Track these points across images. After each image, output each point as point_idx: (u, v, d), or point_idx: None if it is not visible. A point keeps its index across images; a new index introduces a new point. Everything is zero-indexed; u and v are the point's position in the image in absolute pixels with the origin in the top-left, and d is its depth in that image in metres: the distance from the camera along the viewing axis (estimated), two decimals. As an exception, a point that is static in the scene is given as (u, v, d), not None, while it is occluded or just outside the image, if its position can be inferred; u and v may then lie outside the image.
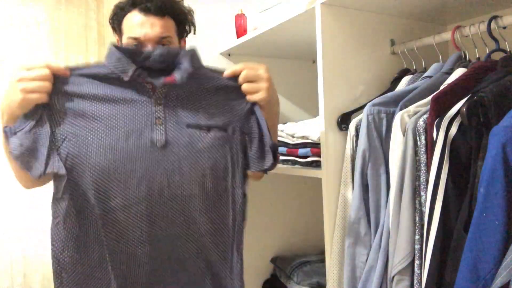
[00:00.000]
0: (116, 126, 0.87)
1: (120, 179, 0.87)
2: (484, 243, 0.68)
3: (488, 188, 0.68)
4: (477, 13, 1.24)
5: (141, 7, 1.11)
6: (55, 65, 0.87)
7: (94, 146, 0.86)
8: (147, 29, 1.10)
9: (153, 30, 1.11)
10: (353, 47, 1.17)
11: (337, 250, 1.07)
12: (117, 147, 0.87)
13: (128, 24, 1.14)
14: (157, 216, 0.89)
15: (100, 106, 0.87)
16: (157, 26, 1.11)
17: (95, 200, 0.85)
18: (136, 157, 0.88)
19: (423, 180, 0.87)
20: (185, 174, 0.90)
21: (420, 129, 0.89)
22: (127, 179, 0.87)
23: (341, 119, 1.11)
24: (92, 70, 0.89)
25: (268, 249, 1.75)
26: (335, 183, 1.10)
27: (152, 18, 1.11)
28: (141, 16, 1.11)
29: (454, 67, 1.03)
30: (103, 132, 0.87)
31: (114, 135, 0.87)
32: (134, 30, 1.11)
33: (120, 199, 0.87)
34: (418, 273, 0.86)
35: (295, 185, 1.81)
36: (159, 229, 0.90)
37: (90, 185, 0.85)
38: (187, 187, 0.91)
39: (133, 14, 1.13)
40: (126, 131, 0.88)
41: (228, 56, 1.68)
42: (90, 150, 0.86)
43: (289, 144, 1.36)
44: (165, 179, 0.89)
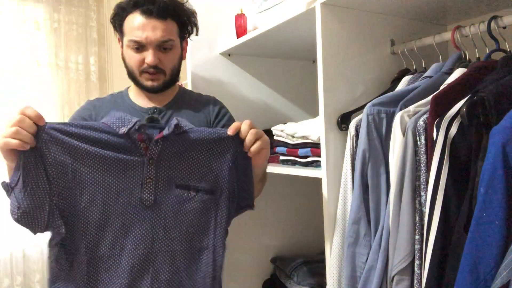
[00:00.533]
0: (108, 184, 0.93)
1: (108, 231, 0.94)
2: (484, 243, 0.68)
3: (488, 188, 0.68)
4: (477, 13, 1.24)
5: (143, 9, 1.11)
6: (29, 110, 0.88)
7: (86, 202, 0.92)
8: (149, 32, 1.10)
9: (155, 33, 1.10)
10: (353, 47, 1.17)
11: (337, 250, 1.07)
12: (108, 204, 0.93)
13: (129, 25, 1.13)
14: (139, 270, 0.95)
15: (93, 163, 0.91)
16: (159, 29, 1.11)
17: (84, 249, 0.92)
18: (125, 214, 0.94)
19: (423, 180, 0.87)
20: (169, 231, 0.97)
21: (420, 129, 0.89)
22: (115, 232, 0.94)
23: (341, 119, 1.11)
24: (86, 123, 0.92)
25: (268, 249, 1.75)
26: (335, 183, 1.10)
27: (154, 21, 1.10)
28: (143, 18, 1.10)
29: (454, 67, 1.03)
30: (95, 189, 0.92)
31: (106, 192, 0.93)
32: (135, 32, 1.11)
33: (106, 249, 0.94)
34: (418, 273, 0.86)
35: (295, 185, 1.81)
36: (140, 281, 0.96)
37: (81, 236, 0.92)
38: (170, 243, 0.97)
39: (135, 16, 1.12)
40: (117, 189, 0.93)
41: (228, 56, 1.68)
42: (82, 206, 0.92)
43: (289, 144, 1.36)
44: (149, 235, 0.96)
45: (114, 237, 0.94)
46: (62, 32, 2.42)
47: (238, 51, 1.64)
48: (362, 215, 1.01)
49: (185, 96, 1.29)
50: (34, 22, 2.38)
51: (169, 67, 1.18)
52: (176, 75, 1.24)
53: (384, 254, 0.95)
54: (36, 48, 2.37)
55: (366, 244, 1.01)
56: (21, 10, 2.33)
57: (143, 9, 1.11)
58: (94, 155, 0.90)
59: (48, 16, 2.38)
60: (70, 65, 2.45)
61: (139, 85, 1.20)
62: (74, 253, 0.92)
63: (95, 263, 0.93)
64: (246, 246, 1.69)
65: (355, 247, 1.02)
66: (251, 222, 1.70)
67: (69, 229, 0.91)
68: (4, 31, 2.28)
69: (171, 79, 1.21)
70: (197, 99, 1.30)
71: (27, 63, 2.35)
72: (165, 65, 1.16)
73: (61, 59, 2.41)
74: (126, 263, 0.94)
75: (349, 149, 1.07)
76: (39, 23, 2.39)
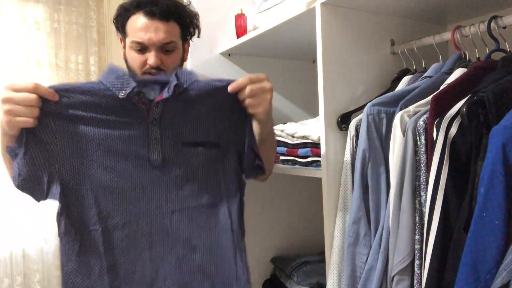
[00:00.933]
0: (114, 148, 0.90)
1: (121, 198, 0.91)
2: (484, 243, 0.68)
3: (488, 188, 0.68)
4: (477, 13, 1.24)
5: (146, 10, 1.11)
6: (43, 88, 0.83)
7: (94, 168, 0.89)
8: (151, 34, 1.10)
9: (157, 35, 1.10)
10: (353, 47, 1.17)
11: (337, 250, 1.07)
12: (117, 168, 0.90)
13: (132, 26, 1.13)
14: (157, 232, 0.93)
15: (96, 128, 0.89)
16: (161, 31, 1.11)
17: (97, 219, 0.89)
18: (135, 177, 0.92)
19: (423, 180, 0.87)
20: (181, 189, 0.94)
21: (420, 129, 0.89)
22: (127, 197, 0.91)
23: (341, 119, 1.11)
24: (84, 87, 0.88)
25: (268, 249, 1.75)
26: (335, 183, 1.10)
27: (156, 22, 1.10)
28: (145, 19, 1.11)
29: (454, 67, 1.03)
30: (102, 154, 0.90)
31: (113, 156, 0.90)
32: (138, 34, 1.11)
33: (121, 217, 0.91)
34: (418, 273, 0.86)
35: (295, 185, 1.81)
36: (159, 246, 0.93)
37: (92, 204, 0.89)
38: (184, 201, 0.94)
39: (138, 17, 1.12)
40: (124, 152, 0.91)
41: (228, 56, 1.68)
42: (90, 172, 0.89)
43: (289, 144, 1.36)
44: (163, 195, 0.93)
45: (127, 203, 0.91)
46: (62, 32, 2.42)
47: (238, 51, 1.64)
48: (362, 215, 1.01)
49: None
50: (34, 22, 2.38)
51: (171, 68, 1.17)
52: None
53: (384, 254, 0.95)
54: (36, 48, 2.37)
55: (366, 244, 1.01)
56: (21, 10, 2.33)
57: (146, 10, 1.11)
58: (97, 121, 0.88)
59: (48, 16, 2.38)
60: (70, 65, 2.45)
61: None
62: (84, 226, 0.89)
63: (109, 233, 0.90)
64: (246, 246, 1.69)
65: (355, 247, 1.02)
66: (251, 222, 1.70)
67: (77, 199, 0.88)
68: (4, 31, 2.28)
69: None
70: None
71: (27, 63, 2.35)
72: (167, 67, 1.16)
73: (61, 59, 2.41)
74: (145, 227, 0.92)
75: (349, 149, 1.07)
76: (39, 23, 2.38)
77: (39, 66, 2.39)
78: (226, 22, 1.66)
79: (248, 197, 1.00)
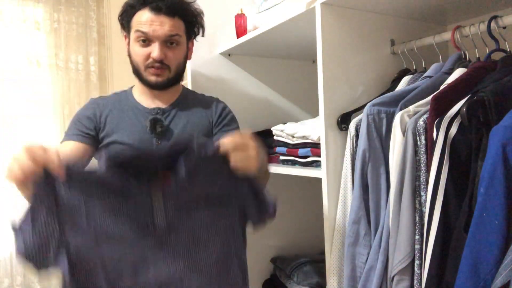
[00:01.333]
0: (119, 218, 0.87)
1: (130, 267, 0.88)
2: (484, 243, 0.68)
3: (488, 188, 0.68)
4: (477, 13, 1.24)
5: (152, 6, 1.12)
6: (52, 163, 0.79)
7: (102, 238, 0.87)
8: (156, 26, 1.12)
9: (162, 28, 1.12)
10: (353, 47, 1.17)
11: (337, 250, 1.07)
12: (122, 237, 0.88)
13: (137, 20, 1.14)
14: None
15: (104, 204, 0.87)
16: (167, 24, 1.13)
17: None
18: (141, 245, 0.89)
19: (423, 180, 0.87)
20: (189, 253, 0.92)
21: (420, 129, 0.89)
22: (136, 267, 0.89)
23: (341, 119, 1.11)
24: (101, 177, 0.85)
25: (268, 249, 1.75)
26: (335, 183, 1.10)
27: (162, 17, 1.12)
28: (151, 14, 1.12)
29: (454, 67, 1.03)
30: (109, 223, 0.87)
31: (119, 225, 0.87)
32: (143, 26, 1.12)
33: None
34: (418, 273, 0.86)
35: (295, 185, 1.81)
36: None
37: (101, 274, 0.87)
38: (195, 264, 0.93)
39: (144, 12, 1.13)
40: (128, 221, 0.88)
41: (228, 56, 1.68)
42: (98, 242, 0.86)
43: (289, 144, 1.36)
44: (171, 260, 0.91)
45: (135, 273, 0.89)
46: (62, 32, 2.41)
47: (238, 51, 1.64)
48: (362, 215, 1.01)
49: (188, 96, 1.29)
50: (34, 22, 2.38)
51: (175, 64, 1.19)
52: (180, 73, 1.24)
53: (384, 254, 0.95)
54: (36, 48, 2.37)
55: (366, 244, 1.01)
56: (21, 10, 2.33)
57: (152, 6, 1.12)
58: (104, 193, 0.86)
59: (48, 16, 2.38)
60: (70, 65, 2.45)
61: (143, 81, 1.20)
62: None
63: None
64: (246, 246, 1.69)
65: (355, 247, 1.02)
66: (251, 222, 1.70)
67: (85, 269, 0.86)
68: (4, 31, 2.28)
69: (176, 76, 1.21)
70: (200, 99, 1.30)
71: (27, 63, 2.35)
72: (170, 61, 1.17)
73: (61, 59, 2.41)
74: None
75: (349, 149, 1.07)
76: (39, 23, 2.38)
77: (39, 66, 2.39)
78: (226, 22, 1.66)
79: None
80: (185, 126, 1.21)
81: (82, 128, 1.22)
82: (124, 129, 1.21)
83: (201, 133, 1.22)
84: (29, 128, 2.33)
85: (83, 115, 1.24)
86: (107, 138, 1.22)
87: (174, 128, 1.21)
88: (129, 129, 1.21)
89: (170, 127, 1.21)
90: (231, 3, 1.66)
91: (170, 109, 1.23)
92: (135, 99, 1.25)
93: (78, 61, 2.48)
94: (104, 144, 1.22)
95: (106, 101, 1.27)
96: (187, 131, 1.21)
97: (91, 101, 1.28)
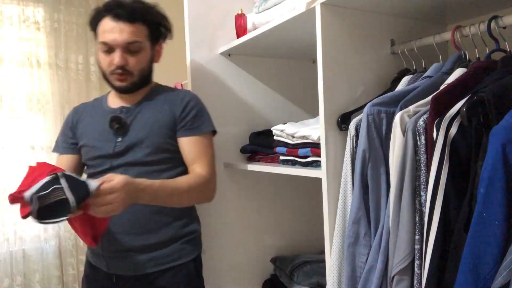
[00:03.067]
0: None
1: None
2: (484, 243, 0.68)
3: (488, 188, 0.68)
4: (477, 13, 1.24)
5: (113, 13, 1.18)
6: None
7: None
8: (116, 34, 1.17)
9: (121, 35, 1.17)
10: (353, 47, 1.17)
11: (337, 250, 1.07)
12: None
13: (100, 29, 1.21)
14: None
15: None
16: (126, 32, 1.17)
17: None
18: None
19: (423, 180, 0.87)
20: None
21: (420, 129, 0.89)
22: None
23: (341, 119, 1.11)
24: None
25: (268, 249, 1.75)
26: (335, 183, 1.10)
27: (121, 24, 1.17)
28: (112, 22, 1.18)
29: (454, 67, 1.03)
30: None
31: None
32: (105, 35, 1.18)
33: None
34: (418, 273, 0.86)
35: (295, 185, 1.81)
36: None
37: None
38: None
39: (106, 20, 1.19)
40: None
41: (228, 56, 1.68)
42: None
43: (289, 144, 1.36)
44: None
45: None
46: (62, 32, 2.42)
47: (238, 51, 1.64)
48: (362, 215, 1.01)
49: (157, 93, 1.33)
50: (34, 22, 2.38)
51: (137, 69, 1.24)
52: (146, 77, 1.29)
53: (384, 254, 0.95)
54: (36, 48, 2.37)
55: (366, 244, 1.01)
56: (21, 10, 2.33)
57: (113, 13, 1.18)
58: None
59: (48, 16, 2.38)
60: (70, 65, 2.45)
61: (111, 85, 1.27)
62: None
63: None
64: (246, 246, 1.69)
65: (355, 247, 1.02)
66: (251, 222, 1.70)
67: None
68: (4, 31, 2.28)
69: (140, 80, 1.26)
70: (169, 94, 1.33)
71: (27, 63, 2.35)
72: (132, 67, 1.22)
73: (61, 59, 2.41)
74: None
75: (349, 149, 1.07)
76: (39, 23, 2.38)
77: (39, 66, 2.39)
78: (226, 22, 1.66)
79: (248, 197, 1.01)
80: (147, 122, 1.25)
81: (67, 139, 1.34)
82: (91, 131, 1.30)
83: (162, 127, 1.25)
84: (29, 128, 2.33)
85: (66, 125, 1.36)
86: (79, 142, 1.32)
87: (136, 124, 1.26)
88: (95, 130, 1.29)
89: (132, 123, 1.26)
90: (231, 3, 1.66)
91: (134, 107, 1.28)
92: (106, 102, 1.33)
93: (78, 61, 2.48)
94: (78, 148, 1.32)
95: (83, 108, 1.38)
96: (147, 126, 1.25)
97: (73, 109, 1.39)
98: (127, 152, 1.23)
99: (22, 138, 2.29)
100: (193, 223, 1.32)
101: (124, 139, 1.24)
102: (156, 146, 1.23)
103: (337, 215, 1.07)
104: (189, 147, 1.26)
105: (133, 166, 1.22)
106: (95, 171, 1.26)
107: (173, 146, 1.26)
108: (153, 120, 1.26)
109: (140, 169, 1.21)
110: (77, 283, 2.36)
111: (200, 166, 1.24)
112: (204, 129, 1.29)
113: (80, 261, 2.39)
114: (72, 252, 2.37)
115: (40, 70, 2.39)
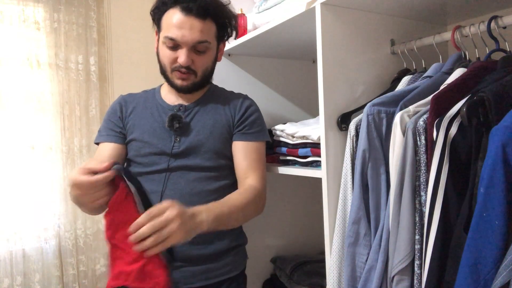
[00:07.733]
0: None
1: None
2: (484, 243, 0.68)
3: (488, 188, 0.68)
4: (477, 13, 1.24)
5: (183, 6, 1.08)
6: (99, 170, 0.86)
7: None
8: (185, 31, 1.08)
9: (192, 33, 1.08)
10: (353, 47, 1.17)
11: (337, 250, 1.07)
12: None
13: (167, 21, 1.11)
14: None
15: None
16: (196, 29, 1.08)
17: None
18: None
19: (423, 180, 0.87)
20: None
21: (420, 129, 0.89)
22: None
23: (341, 119, 1.11)
24: None
25: (268, 249, 1.75)
26: (335, 183, 1.10)
27: (192, 20, 1.08)
28: (181, 15, 1.08)
29: (454, 67, 1.03)
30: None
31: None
32: (172, 29, 1.09)
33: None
34: (418, 273, 0.86)
35: (295, 185, 1.81)
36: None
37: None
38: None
39: (174, 12, 1.09)
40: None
41: (228, 56, 1.68)
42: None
43: (289, 144, 1.36)
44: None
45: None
46: (62, 32, 2.41)
47: (238, 51, 1.64)
48: (362, 215, 1.01)
49: (214, 93, 1.28)
50: (34, 22, 2.37)
51: (201, 69, 1.17)
52: (208, 76, 1.23)
53: (384, 254, 0.95)
54: (36, 48, 2.37)
55: (366, 244, 1.01)
56: (21, 10, 2.33)
57: (183, 6, 1.08)
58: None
59: (48, 16, 2.38)
60: (70, 65, 2.45)
61: (169, 82, 1.20)
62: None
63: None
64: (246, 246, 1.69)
65: (355, 247, 1.02)
66: (251, 222, 1.70)
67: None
68: (4, 31, 2.28)
69: (202, 80, 1.20)
70: (227, 96, 1.28)
71: (27, 63, 2.35)
72: (197, 67, 1.15)
73: (61, 59, 2.41)
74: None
75: (349, 149, 1.07)
76: (39, 23, 2.38)
77: (39, 66, 2.39)
78: (226, 22, 1.66)
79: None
80: (206, 125, 1.20)
81: (114, 127, 1.23)
82: (145, 126, 1.20)
83: (221, 131, 1.20)
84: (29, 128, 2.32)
85: (113, 113, 1.25)
86: (128, 136, 1.22)
87: (194, 125, 1.19)
88: (150, 125, 1.20)
89: (190, 124, 1.19)
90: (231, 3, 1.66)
91: (193, 106, 1.22)
92: (160, 97, 1.25)
93: (78, 61, 2.48)
94: (127, 142, 1.23)
95: (133, 98, 1.27)
96: (207, 129, 1.19)
97: (120, 98, 1.29)
98: (186, 155, 1.16)
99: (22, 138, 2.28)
100: (242, 234, 1.28)
101: (183, 140, 1.17)
102: (215, 151, 1.17)
103: (337, 215, 1.07)
104: (244, 153, 1.19)
105: (190, 171, 1.15)
106: (146, 170, 1.16)
107: (230, 152, 1.21)
108: (212, 122, 1.20)
109: (197, 174, 1.15)
110: (77, 283, 2.36)
111: (253, 177, 1.17)
112: (262, 137, 1.24)
113: (80, 261, 2.39)
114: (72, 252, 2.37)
115: (40, 70, 2.38)
